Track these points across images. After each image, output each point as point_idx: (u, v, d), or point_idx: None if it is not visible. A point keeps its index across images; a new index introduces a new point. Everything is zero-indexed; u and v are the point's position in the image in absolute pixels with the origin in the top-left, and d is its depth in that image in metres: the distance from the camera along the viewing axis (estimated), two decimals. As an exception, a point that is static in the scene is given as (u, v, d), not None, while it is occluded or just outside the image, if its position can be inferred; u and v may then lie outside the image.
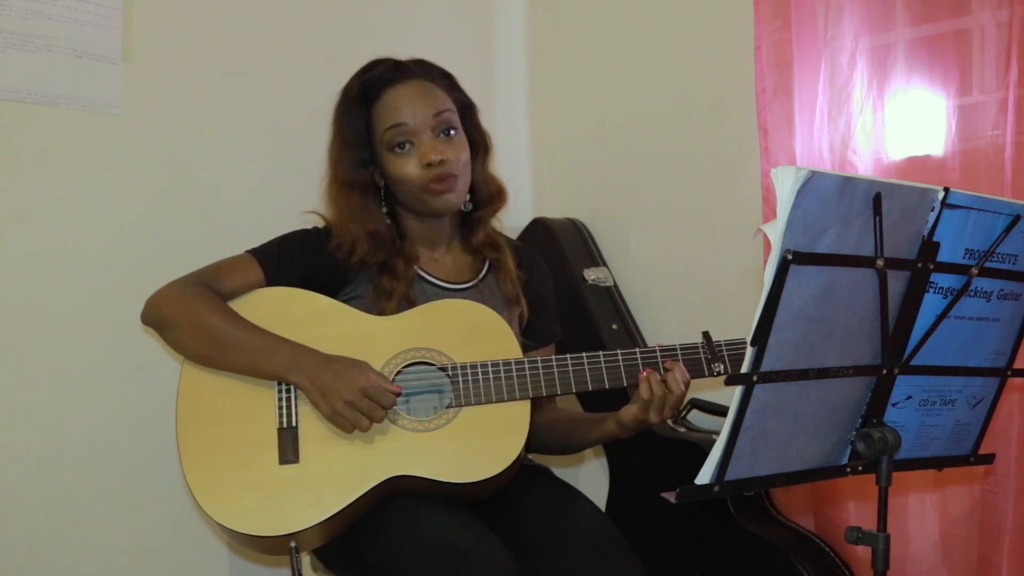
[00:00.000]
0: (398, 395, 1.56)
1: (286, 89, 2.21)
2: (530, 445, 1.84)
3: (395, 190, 1.72)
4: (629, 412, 1.60)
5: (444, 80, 1.75)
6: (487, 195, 1.79)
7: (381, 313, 1.65)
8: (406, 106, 1.67)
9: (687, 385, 1.56)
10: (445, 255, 1.79)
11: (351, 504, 1.54)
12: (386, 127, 1.68)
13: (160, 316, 1.63)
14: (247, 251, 1.70)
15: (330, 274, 1.69)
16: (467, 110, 1.77)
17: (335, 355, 1.57)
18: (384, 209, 1.73)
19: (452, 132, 1.70)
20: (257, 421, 1.58)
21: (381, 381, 1.54)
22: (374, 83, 1.70)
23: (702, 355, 1.61)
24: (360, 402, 1.52)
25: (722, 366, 1.60)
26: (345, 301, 1.67)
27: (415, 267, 1.73)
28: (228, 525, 1.53)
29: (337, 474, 1.55)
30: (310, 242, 1.71)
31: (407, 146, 1.67)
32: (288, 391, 1.60)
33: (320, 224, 1.76)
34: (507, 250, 1.80)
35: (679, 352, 1.61)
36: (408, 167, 1.67)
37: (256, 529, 1.53)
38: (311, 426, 1.58)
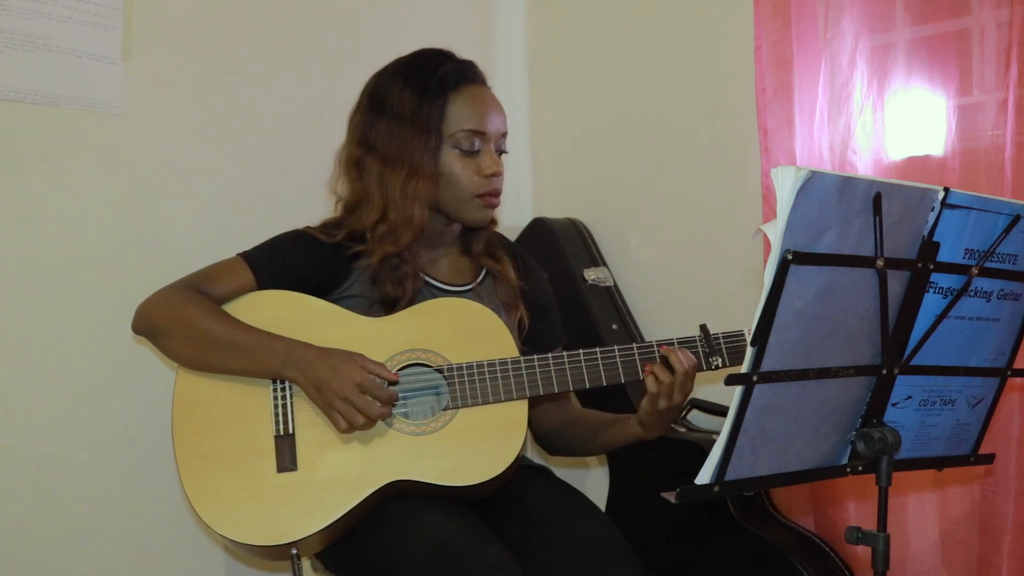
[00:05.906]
0: (395, 383, 1.55)
1: (286, 89, 2.21)
2: (554, 447, 1.84)
3: (440, 187, 1.67)
4: (644, 408, 1.60)
5: None
6: None
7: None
8: (487, 114, 1.66)
9: (692, 365, 1.55)
10: (443, 257, 1.78)
11: (351, 510, 1.53)
12: (465, 127, 1.64)
13: (151, 324, 1.62)
14: (238, 254, 1.68)
15: (323, 275, 1.67)
16: None
17: (330, 348, 1.56)
18: None
19: (503, 153, 1.71)
20: (253, 429, 1.57)
21: (378, 371, 1.53)
22: (457, 76, 1.67)
23: (699, 348, 1.61)
24: (355, 398, 1.51)
25: (720, 359, 1.60)
26: (337, 300, 1.66)
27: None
28: (229, 536, 1.53)
29: (336, 480, 1.55)
30: (301, 243, 1.68)
31: (474, 152, 1.66)
32: (284, 398, 1.59)
33: (308, 223, 1.73)
34: (507, 260, 1.79)
35: (676, 346, 1.60)
36: (468, 170, 1.66)
37: (257, 539, 1.53)
38: (308, 433, 1.57)
